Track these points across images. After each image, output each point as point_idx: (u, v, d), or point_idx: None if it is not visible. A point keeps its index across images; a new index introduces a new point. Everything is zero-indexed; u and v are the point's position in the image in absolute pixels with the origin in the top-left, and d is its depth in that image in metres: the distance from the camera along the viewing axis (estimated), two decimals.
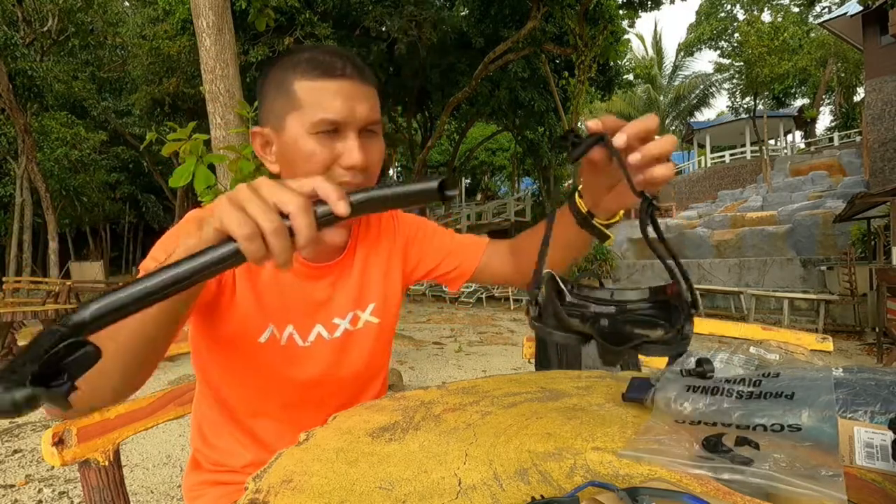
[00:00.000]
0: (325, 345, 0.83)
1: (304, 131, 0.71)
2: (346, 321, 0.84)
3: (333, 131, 0.72)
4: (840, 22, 13.54)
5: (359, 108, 0.72)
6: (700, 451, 0.53)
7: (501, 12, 11.98)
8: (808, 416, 0.54)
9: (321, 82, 0.71)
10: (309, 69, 0.72)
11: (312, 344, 0.82)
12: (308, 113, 0.71)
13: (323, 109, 0.71)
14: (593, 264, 12.16)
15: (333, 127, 0.71)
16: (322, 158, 0.71)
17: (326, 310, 0.83)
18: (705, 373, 0.67)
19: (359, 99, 0.72)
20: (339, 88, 0.71)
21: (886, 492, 0.48)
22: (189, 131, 1.93)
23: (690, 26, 25.16)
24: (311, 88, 0.71)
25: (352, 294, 0.85)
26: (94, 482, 0.80)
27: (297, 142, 0.72)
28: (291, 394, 0.83)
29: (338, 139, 0.72)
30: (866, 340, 6.49)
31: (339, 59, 0.73)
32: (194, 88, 11.33)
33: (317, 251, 0.82)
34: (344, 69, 0.72)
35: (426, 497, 0.46)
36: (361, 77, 0.74)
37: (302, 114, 0.72)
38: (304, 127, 0.71)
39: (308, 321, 0.82)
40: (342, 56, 0.74)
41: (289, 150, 0.74)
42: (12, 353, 4.83)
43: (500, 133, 18.56)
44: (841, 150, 17.19)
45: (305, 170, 0.72)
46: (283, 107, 0.74)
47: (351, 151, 0.71)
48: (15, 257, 11.78)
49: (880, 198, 6.81)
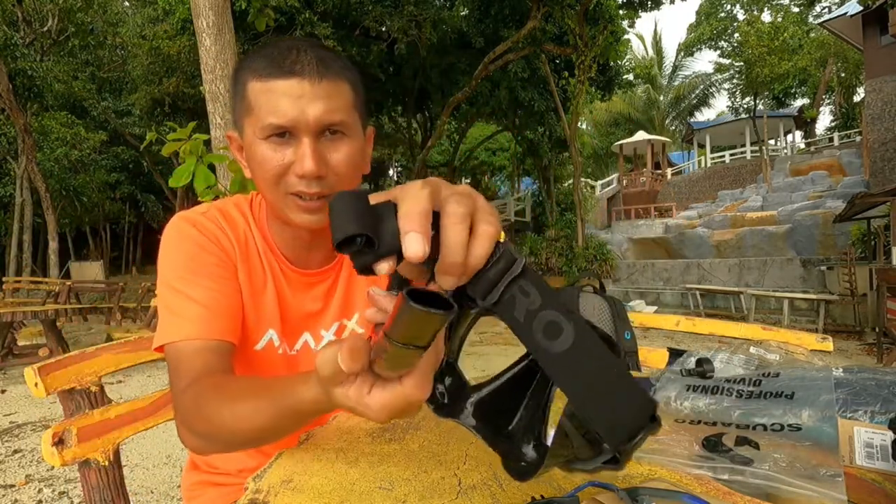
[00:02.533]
0: (311, 354, 0.82)
1: (256, 137, 0.66)
2: (331, 332, 0.83)
3: (284, 136, 0.66)
4: (840, 22, 13.53)
5: (311, 109, 0.64)
6: (700, 450, 0.53)
7: (501, 12, 11.97)
8: (808, 416, 0.54)
9: (270, 82, 0.65)
10: (260, 68, 0.66)
11: (299, 353, 0.81)
12: (258, 117, 0.66)
13: (269, 113, 0.64)
14: (593, 264, 12.15)
15: (281, 131, 0.65)
16: (273, 166, 0.66)
17: (316, 320, 0.82)
18: (705, 373, 0.68)
19: (311, 98, 0.64)
20: (287, 88, 0.64)
21: (886, 492, 0.48)
22: (189, 131, 1.93)
23: (690, 26, 25.14)
24: (259, 89, 0.65)
25: (338, 303, 0.83)
26: (94, 482, 0.80)
27: (251, 147, 0.68)
28: None
29: (290, 144, 0.66)
30: (866, 340, 6.49)
31: (292, 52, 0.66)
32: (194, 88, 11.32)
33: (307, 258, 0.79)
34: (294, 64, 0.64)
35: (426, 497, 0.46)
36: (319, 72, 0.65)
37: (253, 118, 0.66)
38: (255, 132, 0.66)
39: (297, 330, 0.81)
40: (298, 48, 0.66)
41: (248, 157, 0.71)
42: (12, 354, 4.83)
43: (500, 133, 18.53)
44: (841, 150, 17.18)
45: (260, 177, 0.69)
46: (241, 110, 0.70)
47: (302, 159, 0.64)
48: (15, 257, 11.77)
49: (880, 198, 6.81)
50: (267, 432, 0.50)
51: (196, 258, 0.71)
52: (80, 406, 0.81)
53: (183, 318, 0.66)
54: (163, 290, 0.70)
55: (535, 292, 0.32)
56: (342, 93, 0.67)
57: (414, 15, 10.28)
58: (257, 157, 0.67)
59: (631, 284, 12.02)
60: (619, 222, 17.18)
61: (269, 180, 0.68)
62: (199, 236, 0.72)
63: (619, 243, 14.27)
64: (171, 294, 0.68)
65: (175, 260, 0.70)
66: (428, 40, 10.61)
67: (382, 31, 11.23)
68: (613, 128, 27.57)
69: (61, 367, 0.79)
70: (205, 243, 0.72)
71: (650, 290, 11.17)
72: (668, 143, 23.69)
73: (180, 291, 0.68)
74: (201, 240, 0.72)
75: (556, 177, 16.14)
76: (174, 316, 0.67)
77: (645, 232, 15.22)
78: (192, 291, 0.68)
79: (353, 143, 0.69)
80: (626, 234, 15.27)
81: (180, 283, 0.69)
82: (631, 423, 0.29)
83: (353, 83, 0.70)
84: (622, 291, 11.38)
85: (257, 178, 0.70)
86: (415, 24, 10.35)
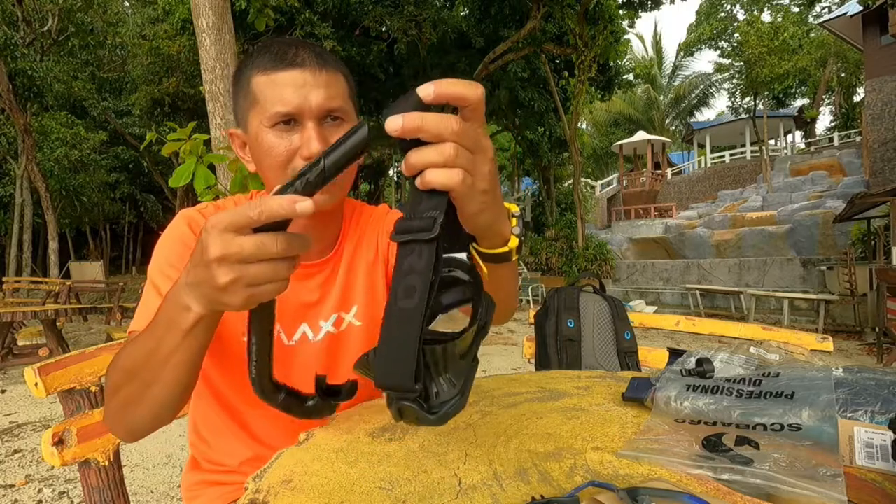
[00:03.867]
0: (309, 345, 0.82)
1: (263, 126, 0.71)
2: (329, 324, 0.83)
3: (290, 123, 0.71)
4: (840, 22, 13.53)
5: (313, 95, 0.70)
6: (700, 450, 0.53)
7: (501, 12, 11.97)
8: (809, 416, 0.54)
9: (273, 74, 0.70)
10: (263, 63, 0.71)
11: (297, 343, 0.82)
12: (264, 107, 0.71)
13: (275, 102, 0.70)
14: (593, 264, 12.15)
15: (288, 118, 0.70)
16: (280, 152, 0.71)
17: (314, 311, 0.82)
18: (705, 373, 0.68)
19: (313, 86, 0.70)
20: (291, 78, 0.70)
21: (886, 492, 0.48)
22: (189, 131, 1.93)
23: (690, 26, 25.15)
24: (264, 82, 0.71)
25: (336, 294, 0.84)
26: (94, 482, 0.80)
27: (258, 138, 0.72)
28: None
29: (295, 131, 0.71)
30: (866, 340, 6.49)
31: (292, 47, 0.72)
32: (194, 88, 11.33)
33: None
34: (295, 58, 0.71)
35: (426, 497, 0.46)
36: (318, 64, 0.71)
37: (259, 109, 0.71)
38: (262, 122, 0.71)
39: (294, 320, 0.82)
40: (296, 45, 0.72)
41: (254, 148, 0.74)
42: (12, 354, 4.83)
43: (500, 133, 18.55)
44: (841, 150, 17.18)
45: (268, 165, 0.73)
46: (245, 105, 0.74)
47: (308, 142, 0.70)
48: (15, 257, 11.77)
49: (880, 198, 6.81)
50: (151, 358, 0.52)
51: (178, 254, 0.73)
52: (80, 406, 0.81)
53: (148, 310, 0.68)
54: (146, 285, 0.73)
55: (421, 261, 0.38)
56: (339, 83, 0.74)
57: (414, 15, 10.28)
58: (265, 146, 0.72)
59: (631, 284, 12.02)
60: (619, 222, 17.18)
61: (276, 166, 0.72)
62: (188, 234, 0.75)
63: (619, 243, 14.28)
64: (148, 287, 0.72)
65: (158, 256, 0.74)
66: (428, 40, 10.61)
67: (382, 31, 11.23)
68: (613, 128, 27.56)
69: (61, 367, 0.79)
70: (191, 242, 0.75)
71: (650, 290, 11.18)
72: (668, 143, 23.67)
73: (156, 286, 0.71)
74: (189, 238, 0.75)
75: (556, 177, 16.16)
76: (142, 307, 0.70)
77: (645, 232, 15.22)
78: (164, 285, 0.70)
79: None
80: (626, 234, 15.27)
81: (158, 278, 0.72)
82: (397, 376, 0.37)
83: (346, 76, 0.77)
84: (622, 291, 11.38)
85: (265, 167, 0.74)
86: (415, 24, 10.35)
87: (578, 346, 1.35)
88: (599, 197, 20.35)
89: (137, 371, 0.55)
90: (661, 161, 22.30)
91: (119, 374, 0.57)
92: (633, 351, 1.36)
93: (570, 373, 0.97)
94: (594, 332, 1.36)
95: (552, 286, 2.57)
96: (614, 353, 1.35)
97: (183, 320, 0.48)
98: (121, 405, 0.58)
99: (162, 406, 0.57)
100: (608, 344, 1.36)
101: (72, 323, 8.09)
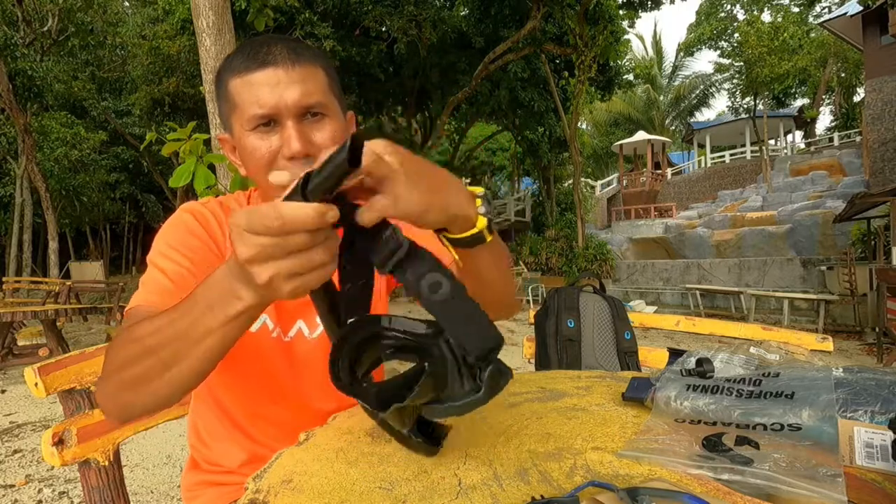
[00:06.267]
0: (305, 342, 0.82)
1: (244, 130, 0.70)
2: None
3: (269, 124, 0.69)
4: (840, 22, 13.53)
5: (288, 93, 0.68)
6: (700, 450, 0.53)
7: (501, 12, 11.98)
8: (808, 416, 0.54)
9: (247, 76, 0.69)
10: (237, 65, 0.70)
11: (293, 339, 0.82)
12: (242, 111, 0.69)
13: (252, 104, 0.68)
14: (593, 264, 12.15)
15: (267, 119, 0.69)
16: (263, 154, 0.69)
17: (309, 307, 0.81)
18: (705, 373, 0.68)
19: (288, 84, 0.68)
20: (264, 78, 0.68)
21: (886, 492, 0.48)
22: (189, 131, 1.93)
23: (690, 26, 25.14)
24: (240, 85, 0.70)
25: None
26: (94, 482, 0.80)
27: (241, 142, 0.72)
28: (281, 388, 0.83)
29: (275, 131, 0.70)
30: (866, 340, 6.49)
31: (264, 46, 0.70)
32: (194, 88, 11.32)
33: None
34: (267, 56, 0.69)
35: (426, 497, 0.46)
36: (291, 59, 0.69)
37: (239, 113, 0.70)
38: (243, 125, 0.70)
39: (291, 316, 0.82)
40: (269, 42, 0.71)
41: (240, 152, 0.74)
42: (12, 354, 4.83)
43: (500, 133, 18.54)
44: (841, 150, 17.19)
45: (253, 168, 0.72)
46: (227, 109, 0.73)
47: (288, 141, 0.68)
48: (15, 257, 11.77)
49: (880, 198, 6.81)
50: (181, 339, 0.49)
51: (179, 238, 0.73)
52: (80, 406, 0.81)
53: (146, 288, 0.68)
54: (148, 268, 0.72)
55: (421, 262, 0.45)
56: (316, 77, 0.71)
57: (414, 15, 10.28)
58: (248, 149, 0.71)
59: (631, 284, 12.02)
60: (619, 222, 17.18)
61: (260, 169, 0.71)
62: (192, 220, 0.76)
63: (619, 243, 14.28)
64: (149, 268, 0.71)
65: (159, 240, 0.74)
66: (428, 40, 10.61)
67: (382, 31, 11.23)
68: (613, 128, 27.55)
69: (61, 367, 0.79)
70: (194, 227, 0.75)
71: (650, 290, 11.18)
72: (668, 143, 23.67)
73: (156, 265, 0.70)
74: (192, 224, 0.75)
75: (556, 177, 16.15)
76: (142, 286, 0.69)
77: (645, 232, 15.22)
78: (164, 264, 0.70)
79: (335, 123, 0.73)
80: (626, 234, 15.27)
81: (158, 259, 0.71)
82: (488, 338, 0.44)
83: (325, 68, 0.74)
84: (622, 291, 11.38)
85: (250, 170, 0.73)
86: (415, 24, 10.35)
87: (578, 346, 1.35)
88: (599, 197, 20.35)
89: (159, 349, 0.51)
90: (661, 161, 22.30)
91: (134, 348, 0.53)
92: (633, 351, 1.36)
93: (570, 373, 0.97)
94: (594, 332, 1.36)
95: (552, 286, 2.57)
96: (614, 353, 1.35)
97: (231, 307, 0.46)
98: (126, 382, 0.54)
99: (173, 389, 0.54)
100: (608, 344, 1.36)
101: (72, 323, 8.09)
